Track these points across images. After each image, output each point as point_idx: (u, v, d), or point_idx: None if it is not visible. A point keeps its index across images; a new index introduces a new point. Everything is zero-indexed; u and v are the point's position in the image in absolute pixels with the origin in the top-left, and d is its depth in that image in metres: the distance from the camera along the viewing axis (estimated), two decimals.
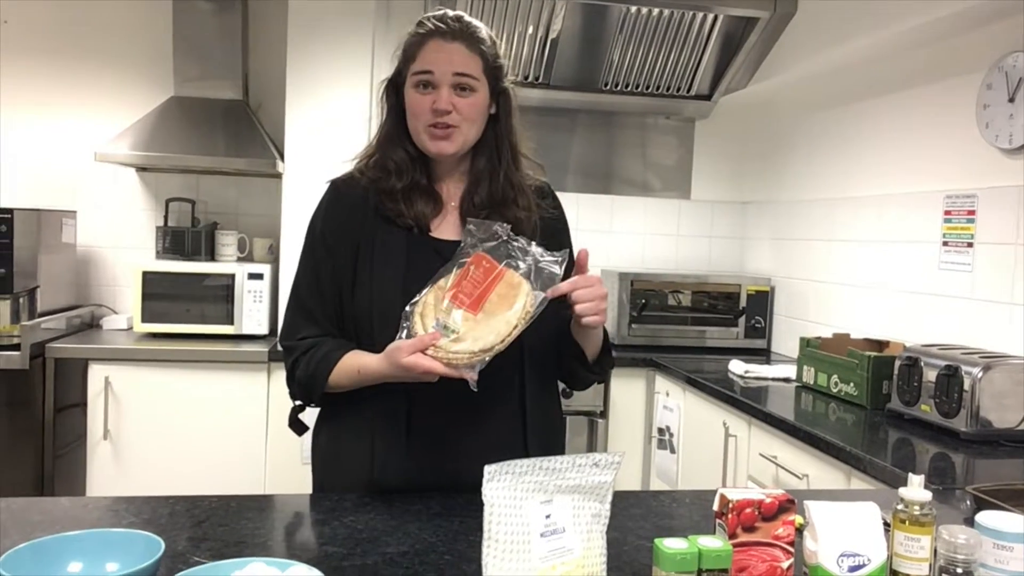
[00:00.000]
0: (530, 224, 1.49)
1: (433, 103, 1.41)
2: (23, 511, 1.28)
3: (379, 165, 1.49)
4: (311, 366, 1.42)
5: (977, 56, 2.47)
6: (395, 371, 1.32)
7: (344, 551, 1.16)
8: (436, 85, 1.41)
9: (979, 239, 2.45)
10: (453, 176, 1.52)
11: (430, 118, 1.42)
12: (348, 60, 3.32)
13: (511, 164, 1.50)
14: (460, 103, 1.42)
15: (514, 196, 1.49)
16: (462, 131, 1.43)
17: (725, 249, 4.04)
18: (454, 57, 1.41)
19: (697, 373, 2.94)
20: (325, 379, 1.41)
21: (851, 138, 3.14)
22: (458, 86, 1.42)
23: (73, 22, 3.57)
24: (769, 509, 1.01)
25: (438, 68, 1.41)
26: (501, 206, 1.48)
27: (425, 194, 1.48)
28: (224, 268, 3.30)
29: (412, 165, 1.48)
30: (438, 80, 1.41)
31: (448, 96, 1.41)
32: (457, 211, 1.50)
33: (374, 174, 1.48)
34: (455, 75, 1.41)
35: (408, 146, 1.48)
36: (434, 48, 1.42)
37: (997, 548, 1.01)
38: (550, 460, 0.97)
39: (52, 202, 3.50)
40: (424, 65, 1.42)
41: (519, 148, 1.52)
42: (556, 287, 1.31)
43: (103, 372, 3.02)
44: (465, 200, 1.50)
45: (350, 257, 1.45)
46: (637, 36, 3.38)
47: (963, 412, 2.06)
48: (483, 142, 1.49)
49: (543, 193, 1.56)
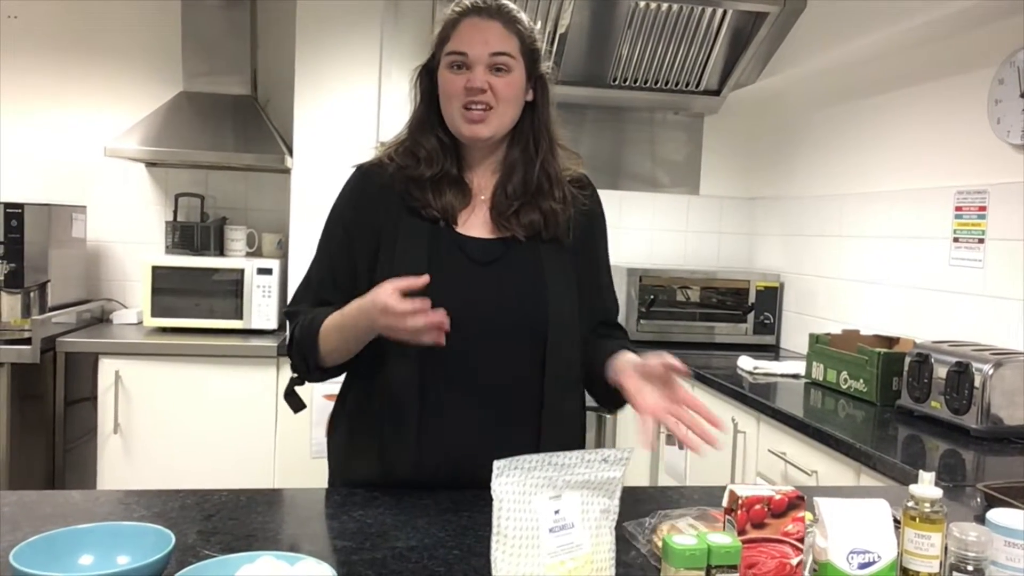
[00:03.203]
0: (564, 217, 1.43)
1: (467, 82, 1.35)
2: (34, 504, 1.28)
3: (408, 152, 1.43)
4: (303, 328, 1.39)
5: (988, 51, 2.45)
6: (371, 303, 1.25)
7: (353, 545, 1.16)
8: (471, 65, 1.35)
9: (990, 235, 2.44)
10: (485, 167, 1.45)
11: (464, 98, 1.36)
12: (356, 55, 3.31)
13: (549, 153, 1.44)
14: (496, 83, 1.36)
15: (549, 187, 1.43)
16: (497, 113, 1.37)
17: (734, 245, 4.03)
18: (489, 36, 1.36)
19: (706, 369, 2.93)
20: (316, 339, 1.37)
21: (861, 134, 3.13)
22: (494, 66, 1.36)
23: (82, 18, 3.58)
24: (779, 506, 1.01)
25: (473, 47, 1.35)
26: (536, 196, 1.42)
27: (455, 185, 1.42)
28: (233, 263, 3.31)
29: (443, 153, 1.42)
30: (473, 60, 1.35)
31: (483, 75, 1.35)
32: (487, 205, 1.44)
33: (403, 161, 1.43)
34: (491, 55, 1.35)
35: (440, 133, 1.42)
36: (470, 27, 1.37)
37: (1008, 546, 1.01)
38: (559, 456, 0.97)
39: (62, 197, 3.51)
40: (459, 45, 1.36)
41: (556, 138, 1.46)
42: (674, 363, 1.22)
43: (113, 366, 3.04)
44: (497, 190, 1.44)
45: (371, 243, 1.41)
46: (646, 31, 3.37)
47: (974, 409, 2.05)
48: (518, 130, 1.43)
49: (581, 184, 1.49)
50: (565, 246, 1.44)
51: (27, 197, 3.40)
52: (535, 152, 1.43)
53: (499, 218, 1.42)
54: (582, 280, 1.47)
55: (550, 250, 1.43)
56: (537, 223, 1.41)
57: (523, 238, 1.41)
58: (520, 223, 1.41)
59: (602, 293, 1.55)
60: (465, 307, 1.33)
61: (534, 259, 1.42)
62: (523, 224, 1.41)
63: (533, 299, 1.39)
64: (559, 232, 1.43)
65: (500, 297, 1.39)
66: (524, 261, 1.41)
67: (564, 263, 1.44)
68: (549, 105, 1.45)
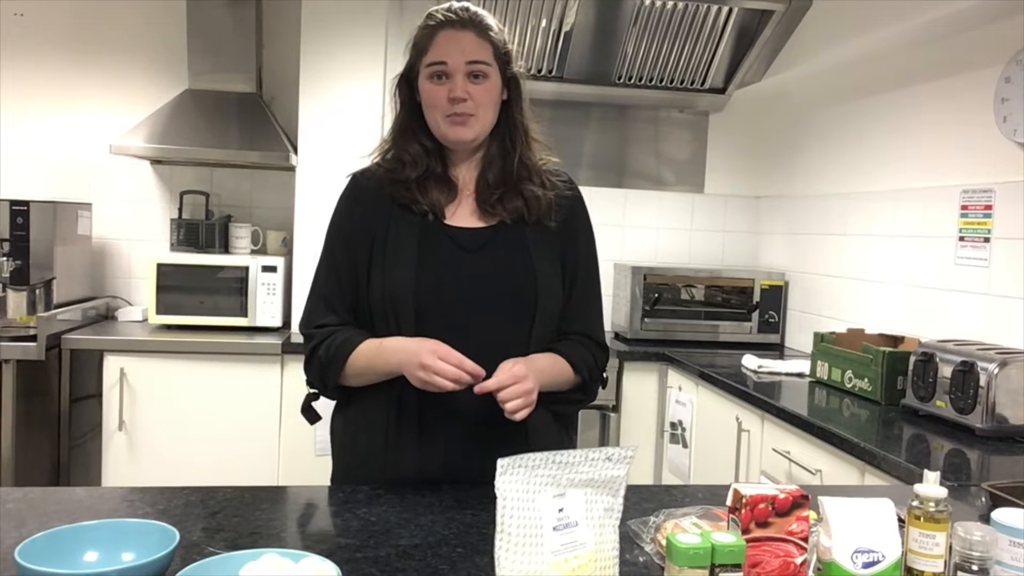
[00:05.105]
0: (546, 201, 1.50)
1: (449, 92, 1.42)
2: (39, 501, 1.29)
3: (395, 158, 1.51)
4: (331, 350, 1.44)
5: (995, 49, 2.44)
6: (414, 355, 1.33)
7: (357, 543, 1.16)
8: (450, 75, 1.43)
9: (996, 234, 2.43)
10: (468, 164, 1.53)
11: (448, 107, 1.43)
12: (361, 53, 3.32)
13: (525, 146, 1.52)
14: (474, 90, 1.44)
15: (528, 175, 1.51)
16: (478, 118, 1.45)
17: (739, 243, 4.03)
18: (465, 45, 1.43)
19: (710, 368, 2.93)
20: (343, 363, 1.43)
21: (866, 132, 3.12)
22: (471, 74, 1.44)
23: (88, 15, 3.59)
24: (783, 505, 1.01)
25: (451, 57, 1.43)
26: (517, 183, 1.49)
27: (440, 182, 1.50)
28: (238, 260, 3.31)
29: (427, 157, 1.49)
30: (452, 69, 1.43)
31: (463, 84, 1.43)
32: (472, 198, 1.51)
33: (390, 165, 1.51)
34: (468, 63, 1.43)
35: (423, 139, 1.49)
36: (445, 38, 1.44)
37: (1013, 545, 1.00)
38: (563, 454, 0.97)
39: (68, 194, 3.52)
40: (437, 56, 1.44)
41: (531, 132, 1.53)
42: (484, 384, 1.32)
43: (118, 363, 3.05)
44: (480, 181, 1.52)
45: (368, 247, 1.47)
46: (651, 29, 3.37)
47: (979, 408, 2.05)
48: (496, 127, 1.51)
49: (557, 174, 1.57)
50: (550, 229, 1.51)
51: (33, 194, 3.40)
52: (511, 146, 1.51)
53: (484, 206, 1.50)
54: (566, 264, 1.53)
55: (535, 232, 1.50)
56: (520, 208, 1.50)
57: (509, 222, 1.49)
58: (505, 209, 1.49)
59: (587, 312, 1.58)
60: (458, 292, 1.43)
61: (520, 240, 1.49)
62: (508, 210, 1.49)
63: (522, 275, 1.47)
64: (542, 215, 1.50)
65: (490, 277, 1.46)
66: (511, 243, 1.49)
67: (550, 244, 1.51)
68: (523, 101, 1.52)
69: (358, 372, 1.44)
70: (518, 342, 1.45)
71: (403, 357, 1.36)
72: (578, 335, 1.55)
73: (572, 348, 1.51)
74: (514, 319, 1.46)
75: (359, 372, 1.44)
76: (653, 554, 1.16)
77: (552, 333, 1.51)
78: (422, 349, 1.33)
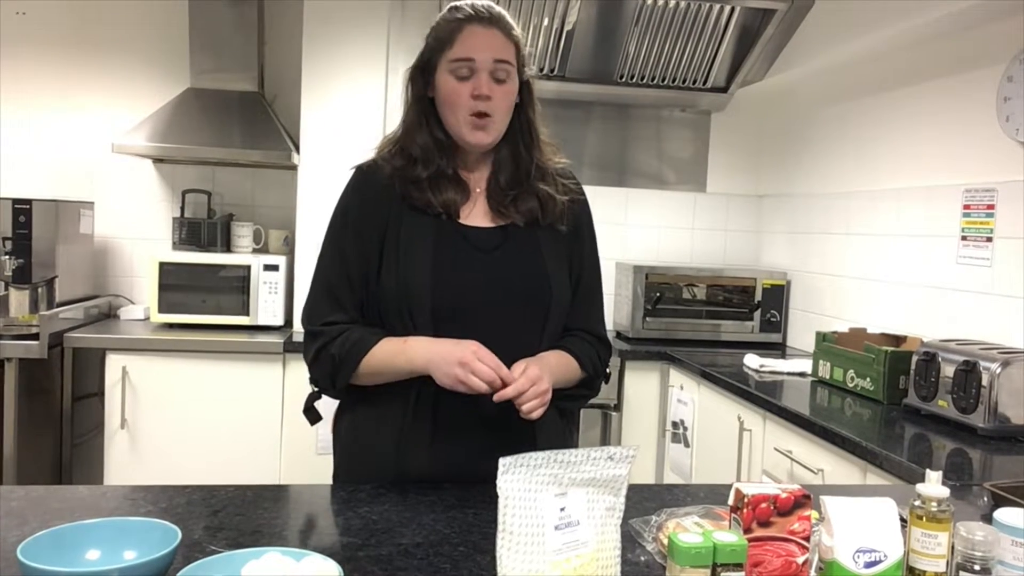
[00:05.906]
0: (560, 205, 1.50)
1: (473, 89, 1.40)
2: (42, 499, 1.29)
3: (403, 152, 1.48)
4: (345, 348, 1.41)
5: (997, 48, 2.44)
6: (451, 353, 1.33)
7: (359, 542, 1.16)
8: (476, 71, 1.41)
9: (998, 233, 2.43)
10: (479, 164, 1.51)
11: (471, 106, 1.41)
12: (363, 52, 3.32)
13: (535, 148, 1.51)
14: (496, 91, 1.42)
15: (542, 177, 1.51)
16: (497, 121, 1.44)
17: (741, 242, 4.02)
18: (494, 43, 1.41)
19: (712, 367, 2.93)
20: (358, 362, 1.40)
21: (869, 131, 3.12)
22: (495, 73, 1.41)
23: (90, 14, 3.59)
24: (784, 504, 1.01)
25: (478, 54, 1.40)
26: (530, 185, 1.49)
27: (452, 182, 1.47)
28: (240, 259, 3.32)
29: (437, 151, 1.47)
30: (479, 65, 1.41)
31: (487, 82, 1.40)
32: (484, 198, 1.50)
33: (398, 162, 1.47)
34: (495, 61, 1.41)
35: (436, 131, 1.47)
36: (472, 34, 1.41)
37: (1015, 545, 1.00)
38: (565, 453, 0.97)
39: (70, 193, 3.53)
40: (464, 52, 1.41)
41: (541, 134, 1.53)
42: (502, 392, 1.32)
43: (120, 362, 3.05)
44: (491, 182, 1.51)
45: (377, 240, 1.44)
46: (653, 28, 3.36)
47: (981, 408, 2.05)
48: (508, 130, 1.49)
49: (566, 175, 1.57)
50: (560, 232, 1.52)
51: (35, 193, 3.41)
52: (523, 148, 1.50)
53: (497, 207, 1.49)
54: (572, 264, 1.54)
55: (547, 235, 1.50)
56: (535, 209, 1.49)
57: (521, 224, 1.48)
58: (519, 210, 1.49)
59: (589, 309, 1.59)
60: (474, 291, 1.43)
61: (532, 243, 1.49)
62: (521, 211, 1.49)
63: (536, 276, 1.47)
64: (555, 218, 1.50)
65: (505, 277, 1.45)
66: (523, 245, 1.48)
67: (559, 246, 1.51)
68: (535, 104, 1.52)
69: (372, 371, 1.41)
70: (531, 342, 1.45)
71: (433, 356, 1.35)
72: (581, 331, 1.55)
73: (577, 344, 1.52)
74: (528, 319, 1.46)
75: (373, 371, 1.41)
76: (655, 553, 1.16)
77: (560, 331, 1.51)
78: (464, 348, 1.33)
